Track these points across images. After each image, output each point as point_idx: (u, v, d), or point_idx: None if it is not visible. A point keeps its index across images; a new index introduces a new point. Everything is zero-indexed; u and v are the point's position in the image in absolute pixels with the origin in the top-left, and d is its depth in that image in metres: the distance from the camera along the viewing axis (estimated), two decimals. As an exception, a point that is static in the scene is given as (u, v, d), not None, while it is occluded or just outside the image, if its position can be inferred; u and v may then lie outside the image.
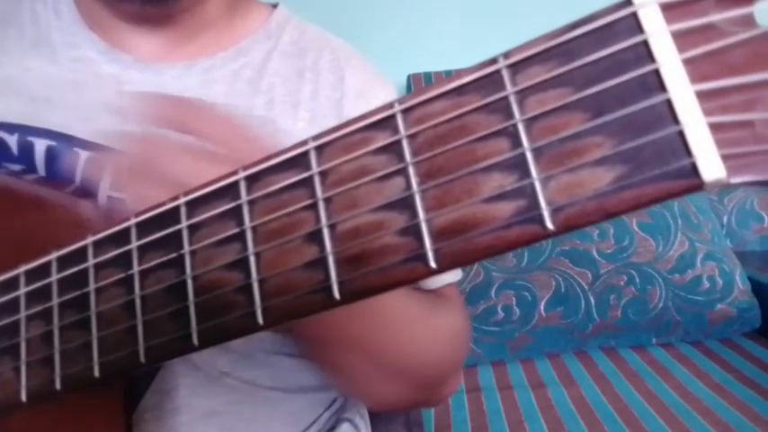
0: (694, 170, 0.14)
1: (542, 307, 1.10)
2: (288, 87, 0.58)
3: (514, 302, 1.10)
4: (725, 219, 1.34)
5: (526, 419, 0.92)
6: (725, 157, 0.14)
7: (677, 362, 1.07)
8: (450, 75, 0.74)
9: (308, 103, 0.58)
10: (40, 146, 0.50)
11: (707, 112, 0.14)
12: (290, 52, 0.61)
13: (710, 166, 0.14)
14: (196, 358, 0.51)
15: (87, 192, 0.51)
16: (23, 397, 0.31)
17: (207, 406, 0.52)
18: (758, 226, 1.34)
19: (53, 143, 0.51)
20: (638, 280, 1.12)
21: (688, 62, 0.15)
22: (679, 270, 1.13)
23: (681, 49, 0.15)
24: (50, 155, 0.51)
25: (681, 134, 0.14)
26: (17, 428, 0.34)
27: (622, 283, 1.12)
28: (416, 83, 1.36)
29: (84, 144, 0.51)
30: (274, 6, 0.65)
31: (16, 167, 0.51)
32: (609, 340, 1.13)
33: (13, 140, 0.50)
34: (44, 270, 0.31)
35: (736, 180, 0.14)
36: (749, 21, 0.15)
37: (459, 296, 0.61)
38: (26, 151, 0.51)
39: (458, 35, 1.51)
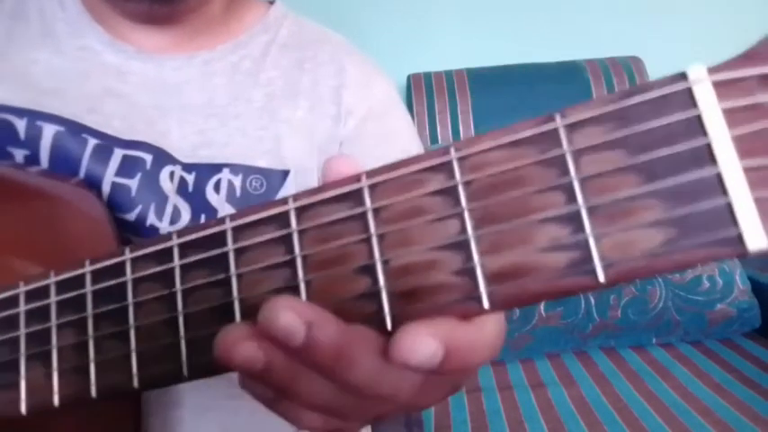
0: (740, 240, 0.16)
1: (542, 307, 1.13)
2: (287, 79, 0.61)
3: (515, 301, 1.13)
4: (727, 218, 1.37)
5: (526, 419, 0.95)
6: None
7: (677, 362, 1.11)
8: (450, 75, 0.77)
9: (308, 93, 0.61)
10: (49, 131, 0.53)
11: (752, 187, 0.17)
12: (289, 45, 0.64)
13: (755, 236, 0.16)
14: None
15: (90, 184, 0.53)
16: (56, 402, 0.32)
17: (205, 400, 0.54)
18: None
19: (61, 128, 0.53)
20: (638, 280, 1.15)
21: (736, 138, 0.17)
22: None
23: (730, 125, 0.17)
24: (57, 141, 0.53)
25: (729, 206, 0.17)
26: None
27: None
28: (416, 83, 1.38)
29: (93, 132, 0.53)
30: (271, 3, 0.67)
31: (20, 152, 0.53)
32: (609, 340, 1.17)
33: (21, 124, 0.53)
34: (77, 281, 0.33)
35: (776, 249, 0.16)
36: (790, 101, 0.17)
37: None
38: (33, 136, 0.53)
39: (458, 35, 1.53)
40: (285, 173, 0.56)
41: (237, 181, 0.55)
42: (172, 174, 0.54)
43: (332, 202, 0.25)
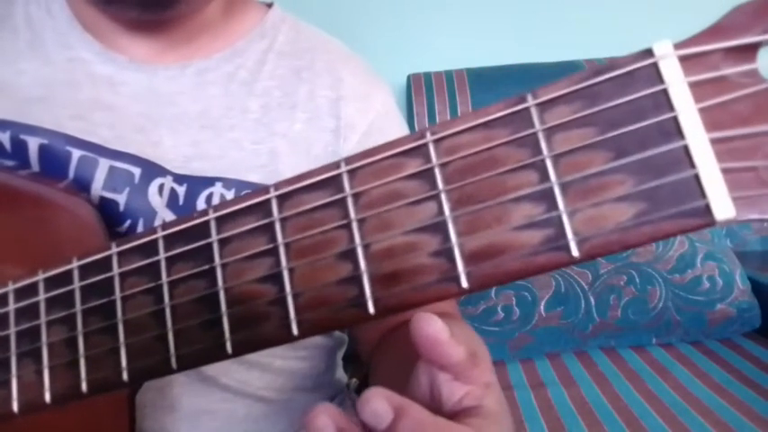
0: (708, 210, 0.17)
1: (542, 307, 1.13)
2: (284, 89, 0.59)
3: (514, 302, 1.13)
4: (726, 218, 1.37)
5: (526, 419, 0.95)
6: (734, 199, 0.17)
7: (677, 362, 1.10)
8: (450, 75, 0.77)
9: (305, 105, 0.59)
10: (33, 144, 0.52)
11: (719, 158, 0.17)
12: (287, 52, 0.62)
13: (722, 206, 0.17)
14: None
15: (81, 186, 0.52)
16: (47, 399, 0.33)
17: (199, 404, 0.54)
18: (758, 226, 1.38)
19: (45, 141, 0.52)
20: (638, 280, 1.15)
21: (703, 111, 0.17)
22: (679, 270, 1.16)
23: (697, 98, 0.17)
24: (43, 153, 0.52)
25: (696, 177, 0.17)
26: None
27: (622, 283, 1.15)
28: (416, 83, 1.38)
29: (77, 142, 0.52)
30: (269, 6, 0.66)
31: (10, 164, 0.52)
32: (609, 340, 1.16)
33: (5, 137, 0.52)
34: (65, 277, 0.33)
35: (742, 218, 0.17)
36: (755, 74, 0.17)
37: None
38: (19, 149, 0.52)
39: (458, 35, 1.54)
40: None
41: (230, 195, 0.54)
42: (161, 187, 0.53)
43: (312, 189, 0.25)
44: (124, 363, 0.30)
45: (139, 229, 0.52)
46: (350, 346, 0.74)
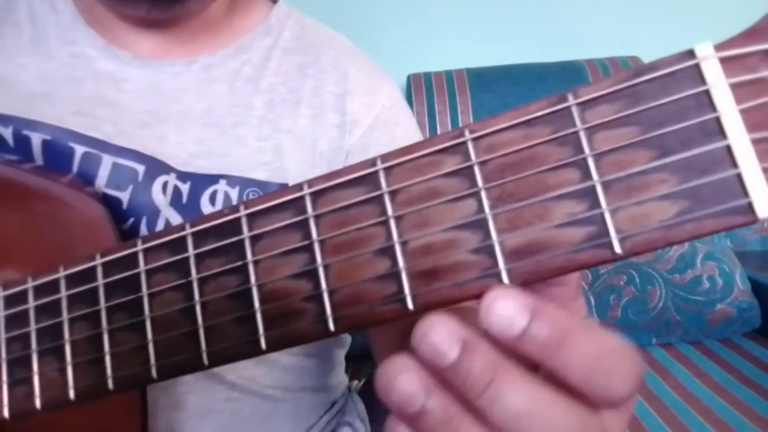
0: (750, 208, 0.18)
1: (543, 306, 1.14)
2: (289, 85, 0.60)
3: (515, 302, 1.14)
4: (726, 218, 1.38)
5: (527, 419, 0.96)
6: (776, 197, 0.17)
7: (677, 362, 1.11)
8: (450, 75, 0.78)
9: (310, 100, 0.60)
10: (36, 139, 0.52)
11: (761, 158, 0.18)
12: (292, 49, 0.63)
13: (765, 205, 0.17)
14: None
15: (84, 183, 0.52)
16: (72, 396, 0.33)
17: (204, 403, 0.54)
18: (758, 226, 1.39)
19: (48, 137, 0.52)
20: (638, 280, 1.16)
21: (744, 112, 0.18)
22: (679, 270, 1.17)
23: (738, 100, 0.18)
24: (46, 149, 0.52)
25: (739, 176, 0.18)
26: None
27: (622, 283, 1.17)
28: (416, 83, 1.39)
29: (80, 138, 0.53)
30: (274, 2, 0.66)
31: (13, 159, 0.52)
32: (609, 340, 1.18)
33: (7, 133, 0.52)
34: (88, 274, 0.33)
35: (783, 215, 0.18)
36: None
37: None
38: (23, 144, 0.52)
39: (458, 35, 1.55)
40: (283, 186, 0.56)
41: (234, 193, 0.54)
42: (165, 184, 0.53)
43: (347, 187, 0.25)
44: (153, 359, 0.30)
45: (142, 227, 0.52)
46: (351, 346, 0.74)
